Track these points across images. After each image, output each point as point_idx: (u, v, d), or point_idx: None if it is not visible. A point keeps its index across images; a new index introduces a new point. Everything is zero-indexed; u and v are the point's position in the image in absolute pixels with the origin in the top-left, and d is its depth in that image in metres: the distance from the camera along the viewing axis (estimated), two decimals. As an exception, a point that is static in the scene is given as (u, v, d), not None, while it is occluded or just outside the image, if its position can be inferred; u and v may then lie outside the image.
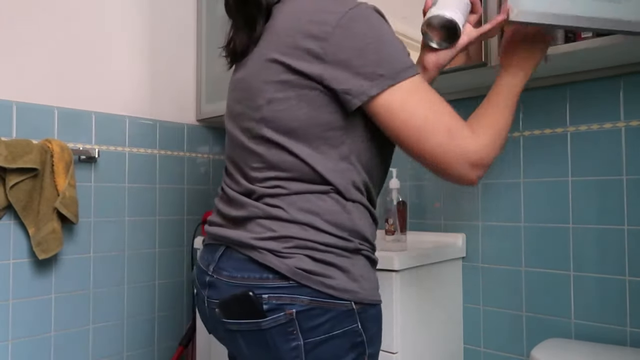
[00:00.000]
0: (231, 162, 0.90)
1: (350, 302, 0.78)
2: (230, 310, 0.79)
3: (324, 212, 0.79)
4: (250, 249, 0.80)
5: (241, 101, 0.86)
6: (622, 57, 1.14)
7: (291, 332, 0.76)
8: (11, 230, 1.48)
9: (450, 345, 1.40)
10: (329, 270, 0.77)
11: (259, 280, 0.77)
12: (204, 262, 0.88)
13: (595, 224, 1.25)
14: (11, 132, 1.49)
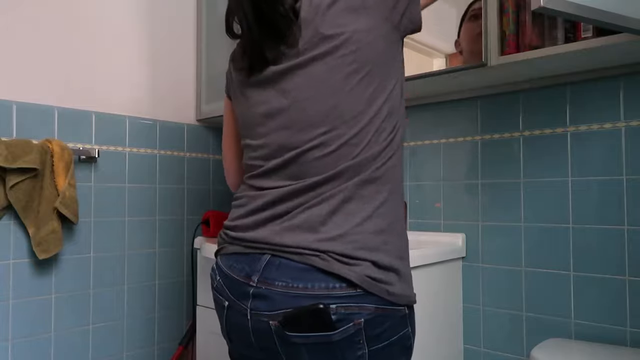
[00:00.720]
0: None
1: (405, 307, 0.79)
2: (298, 323, 0.76)
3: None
4: (307, 255, 0.76)
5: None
6: (622, 57, 1.14)
7: (358, 342, 0.76)
8: (11, 230, 1.48)
9: (450, 345, 1.40)
10: (390, 277, 0.77)
11: (325, 289, 0.75)
12: (238, 272, 0.83)
13: (595, 224, 1.25)
14: (11, 132, 1.48)
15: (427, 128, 1.56)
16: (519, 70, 1.26)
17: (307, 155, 0.80)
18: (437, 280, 1.34)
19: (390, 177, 0.81)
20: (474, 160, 1.46)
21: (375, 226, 0.78)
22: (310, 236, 0.77)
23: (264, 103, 0.85)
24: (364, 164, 0.79)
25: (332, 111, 0.79)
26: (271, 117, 0.84)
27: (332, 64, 0.78)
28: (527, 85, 1.35)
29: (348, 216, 0.78)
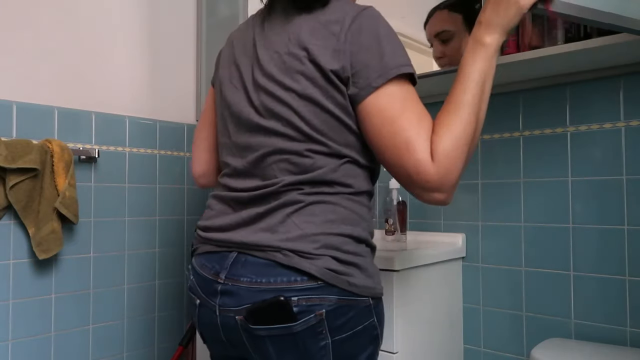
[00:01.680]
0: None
1: (369, 298, 0.82)
2: (261, 316, 0.78)
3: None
4: (273, 252, 0.79)
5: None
6: (622, 57, 1.14)
7: (320, 332, 0.78)
8: (11, 230, 1.48)
9: (450, 345, 1.40)
10: (350, 270, 0.80)
11: (287, 283, 0.78)
12: (208, 270, 0.86)
13: (595, 224, 1.25)
14: (11, 132, 1.48)
15: (427, 128, 1.56)
16: (519, 70, 1.26)
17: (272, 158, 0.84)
18: (437, 280, 1.34)
19: (353, 183, 0.84)
20: (474, 160, 1.46)
21: (337, 227, 0.81)
22: (272, 235, 0.81)
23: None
24: (326, 170, 0.82)
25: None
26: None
27: None
28: (527, 85, 1.35)
29: (310, 217, 0.81)
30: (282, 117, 0.82)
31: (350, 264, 0.81)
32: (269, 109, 0.83)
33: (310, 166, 0.82)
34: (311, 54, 0.80)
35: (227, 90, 0.92)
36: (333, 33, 0.80)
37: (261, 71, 0.85)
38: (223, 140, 0.94)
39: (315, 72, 0.80)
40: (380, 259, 1.17)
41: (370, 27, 0.79)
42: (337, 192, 0.83)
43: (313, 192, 0.82)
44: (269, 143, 0.84)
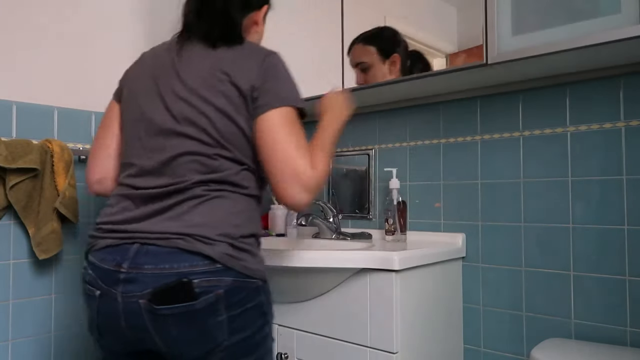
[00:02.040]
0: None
1: (259, 280, 0.96)
2: (165, 297, 0.87)
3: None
4: (176, 238, 0.90)
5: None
6: (622, 57, 1.14)
7: (218, 309, 0.89)
8: (11, 230, 1.48)
9: (450, 345, 1.40)
10: (244, 255, 0.94)
11: (189, 267, 0.88)
12: (109, 262, 0.93)
13: (595, 224, 1.25)
14: (11, 132, 1.49)
15: (427, 128, 1.56)
16: (519, 70, 1.26)
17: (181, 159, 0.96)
18: (437, 280, 1.34)
19: (248, 186, 0.99)
20: (474, 160, 1.46)
21: (233, 219, 0.95)
22: (177, 223, 0.92)
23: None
24: (230, 173, 0.96)
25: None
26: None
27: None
28: (527, 85, 1.35)
29: (212, 209, 0.94)
30: (198, 124, 0.95)
31: (244, 250, 0.94)
32: (186, 117, 0.96)
33: (216, 168, 0.95)
34: (232, 77, 0.96)
35: (143, 100, 1.03)
36: (250, 64, 0.98)
37: (184, 85, 0.98)
38: (131, 144, 1.03)
39: (233, 91, 0.96)
40: (380, 259, 1.17)
41: (278, 66, 1.01)
42: (236, 192, 0.97)
43: (216, 189, 0.95)
44: (182, 146, 0.96)
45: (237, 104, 0.96)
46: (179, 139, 0.96)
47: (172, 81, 1.01)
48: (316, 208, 1.68)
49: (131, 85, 1.08)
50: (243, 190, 0.98)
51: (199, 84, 0.98)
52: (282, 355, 1.33)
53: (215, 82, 0.97)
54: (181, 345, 0.90)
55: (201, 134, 0.96)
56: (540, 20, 1.12)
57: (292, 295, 1.31)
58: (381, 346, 1.17)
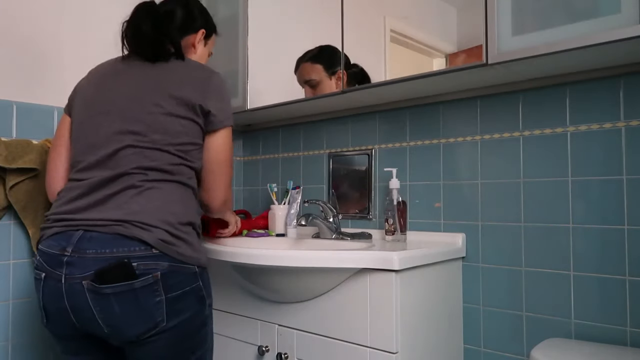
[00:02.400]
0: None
1: (195, 266, 1.06)
2: (107, 277, 0.96)
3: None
4: (117, 225, 0.99)
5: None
6: (622, 57, 1.14)
7: (156, 290, 0.99)
8: (11, 230, 1.48)
9: (450, 345, 1.40)
10: (179, 243, 1.03)
11: (129, 252, 0.98)
12: (55, 248, 1.01)
13: (595, 224, 1.25)
14: (11, 132, 1.49)
15: (427, 128, 1.56)
16: (519, 70, 1.26)
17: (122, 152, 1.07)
18: (437, 280, 1.34)
19: (184, 176, 1.10)
20: (474, 160, 1.46)
21: (171, 207, 1.05)
22: (118, 211, 1.01)
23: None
24: (165, 164, 1.07)
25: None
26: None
27: None
28: (527, 85, 1.35)
29: (150, 198, 1.03)
30: (146, 123, 1.07)
31: (179, 238, 1.04)
32: (136, 118, 1.07)
33: (157, 159, 1.06)
34: (182, 90, 1.10)
35: (90, 106, 1.14)
36: (198, 79, 1.13)
37: (136, 93, 1.10)
38: (79, 145, 1.13)
39: (182, 101, 1.09)
40: (380, 259, 1.17)
41: (222, 86, 1.17)
42: (174, 181, 1.08)
43: (155, 179, 1.05)
44: (124, 140, 1.06)
45: (184, 110, 1.09)
46: (122, 135, 1.07)
47: (123, 90, 1.12)
48: (316, 208, 1.68)
49: (80, 96, 1.19)
50: (180, 180, 1.09)
51: (150, 91, 1.10)
52: (282, 355, 1.33)
53: (166, 90, 1.10)
54: (122, 323, 0.98)
55: (148, 131, 1.07)
56: (540, 20, 1.12)
57: (292, 295, 1.31)
58: (381, 346, 1.17)
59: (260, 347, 1.38)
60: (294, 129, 1.95)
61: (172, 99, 1.09)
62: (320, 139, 1.86)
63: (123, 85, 1.13)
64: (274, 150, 2.03)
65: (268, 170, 2.05)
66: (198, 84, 1.13)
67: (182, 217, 1.06)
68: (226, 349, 1.51)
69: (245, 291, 1.45)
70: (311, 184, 1.88)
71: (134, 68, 1.16)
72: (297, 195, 1.80)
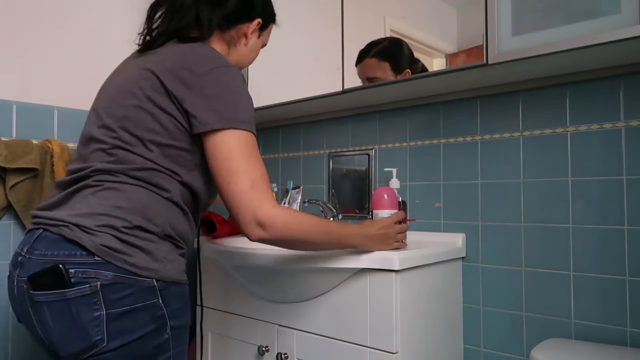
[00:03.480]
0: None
1: (152, 280, 0.89)
2: (38, 282, 0.86)
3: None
4: (62, 226, 0.88)
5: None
6: (622, 57, 1.14)
7: (95, 303, 0.84)
8: (11, 230, 1.48)
9: (450, 345, 1.40)
10: (131, 250, 0.88)
11: (67, 256, 0.86)
12: (20, 245, 0.94)
13: (595, 224, 1.25)
14: (11, 132, 1.49)
15: (427, 128, 1.56)
16: (519, 70, 1.26)
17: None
18: (437, 280, 1.34)
19: (149, 180, 0.94)
20: (474, 160, 1.46)
21: (122, 211, 0.90)
22: (67, 212, 0.91)
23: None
24: (127, 164, 0.93)
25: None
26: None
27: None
28: (527, 85, 1.35)
29: (102, 200, 0.90)
30: (119, 118, 0.95)
31: (132, 244, 0.88)
32: (110, 111, 0.97)
33: (121, 159, 0.93)
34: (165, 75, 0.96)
35: (96, 98, 1.08)
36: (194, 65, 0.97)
37: (122, 81, 1.02)
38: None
39: (161, 91, 0.95)
40: (380, 259, 1.17)
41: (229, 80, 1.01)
42: (134, 184, 0.92)
43: (113, 181, 0.92)
44: (96, 134, 0.97)
45: (163, 101, 0.95)
46: (100, 130, 0.97)
47: (113, 77, 1.07)
48: (316, 208, 1.68)
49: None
50: (143, 183, 0.93)
51: (129, 75, 1.00)
52: (282, 355, 1.33)
53: (141, 74, 0.98)
54: (56, 338, 0.86)
55: (119, 128, 0.95)
56: (540, 20, 1.12)
57: (292, 295, 1.31)
58: (381, 346, 1.17)
59: (260, 347, 1.38)
60: (294, 129, 1.95)
61: (155, 93, 0.95)
62: (320, 139, 1.86)
63: (120, 73, 1.05)
64: (274, 150, 2.03)
65: (268, 170, 2.04)
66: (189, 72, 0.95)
67: (141, 220, 0.90)
68: (226, 349, 1.51)
69: (245, 291, 1.45)
70: (311, 184, 1.88)
71: (158, 53, 1.02)
72: (297, 195, 1.80)
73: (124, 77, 1.01)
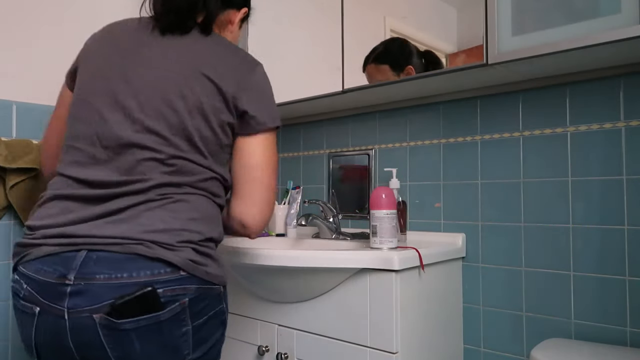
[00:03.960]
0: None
1: (220, 286, 0.91)
2: (128, 309, 0.78)
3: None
4: (135, 244, 0.80)
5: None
6: (622, 57, 1.14)
7: (183, 320, 0.83)
8: (11, 230, 1.48)
9: (450, 345, 1.40)
10: (207, 260, 0.87)
11: (151, 276, 0.80)
12: (49, 275, 0.80)
13: (595, 224, 1.25)
14: (11, 132, 1.49)
15: (427, 128, 1.56)
16: (519, 70, 1.26)
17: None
18: (437, 280, 1.34)
19: (208, 189, 0.92)
20: (473, 160, 1.46)
21: (195, 224, 0.87)
22: (134, 228, 0.82)
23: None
24: (191, 175, 0.90)
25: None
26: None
27: None
28: (527, 85, 1.35)
29: (174, 213, 0.85)
30: (173, 125, 0.88)
31: (206, 255, 0.87)
32: (155, 110, 0.88)
33: (180, 169, 0.88)
34: (212, 76, 0.91)
35: (107, 80, 0.92)
36: (234, 66, 0.95)
37: (160, 72, 0.91)
38: (83, 128, 0.90)
39: (213, 90, 0.92)
40: (380, 259, 1.17)
41: (265, 80, 1.01)
42: (197, 194, 0.90)
43: (177, 193, 0.87)
44: (139, 140, 0.87)
45: (216, 105, 0.91)
46: (145, 136, 0.87)
47: (147, 73, 0.91)
48: (316, 208, 1.68)
49: (95, 61, 0.97)
50: (205, 192, 0.92)
51: (177, 76, 0.90)
52: (282, 355, 1.33)
53: (192, 77, 0.90)
54: None
55: (168, 133, 0.88)
56: (540, 21, 1.12)
57: (292, 295, 1.31)
58: (381, 346, 1.17)
59: (260, 347, 1.38)
60: (294, 129, 1.95)
61: (206, 93, 0.90)
62: (320, 139, 1.86)
63: (147, 61, 0.92)
64: (274, 150, 2.03)
65: (268, 170, 2.04)
66: (236, 71, 0.94)
67: (207, 232, 0.89)
68: (226, 349, 1.51)
69: (245, 291, 1.45)
70: (311, 184, 1.88)
71: (163, 41, 0.95)
72: (297, 195, 1.80)
73: (162, 72, 0.90)
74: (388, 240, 1.25)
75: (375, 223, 1.26)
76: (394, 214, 1.27)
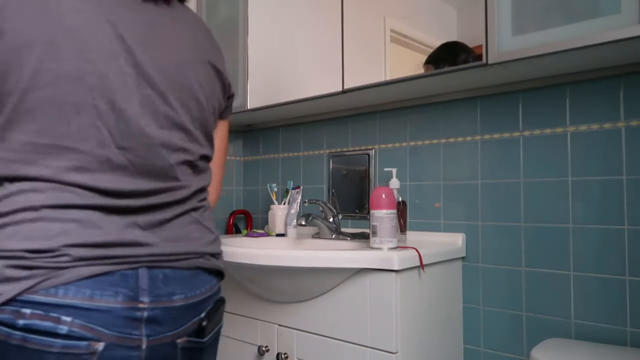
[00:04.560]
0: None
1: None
2: (211, 325, 0.77)
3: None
4: (196, 258, 0.76)
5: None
6: (622, 57, 1.14)
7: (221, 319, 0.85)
8: (11, 230, 1.47)
9: (450, 345, 1.40)
10: (221, 258, 0.87)
11: (211, 289, 0.80)
12: (110, 299, 0.64)
13: (595, 224, 1.25)
14: None
15: (427, 128, 1.56)
16: (519, 70, 1.26)
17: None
18: (437, 280, 1.34)
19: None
20: (474, 160, 1.46)
21: (214, 231, 0.84)
22: (190, 241, 0.76)
23: None
24: (210, 177, 0.86)
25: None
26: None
27: None
28: (527, 85, 1.35)
29: (210, 221, 0.84)
30: (196, 118, 0.79)
31: (220, 253, 0.86)
32: (186, 110, 0.78)
33: (202, 171, 0.83)
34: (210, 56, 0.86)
35: (94, 53, 0.67)
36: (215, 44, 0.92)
37: (166, 47, 0.76)
38: (75, 120, 0.66)
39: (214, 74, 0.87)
40: (380, 259, 1.17)
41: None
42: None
43: (205, 198, 0.84)
44: (169, 138, 0.73)
45: (219, 95, 0.87)
46: (170, 131, 0.73)
47: (146, 36, 0.73)
48: (316, 208, 1.68)
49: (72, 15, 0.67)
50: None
51: (184, 52, 0.78)
52: (282, 355, 1.33)
53: (201, 63, 0.82)
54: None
55: (192, 127, 0.77)
56: (540, 20, 1.12)
57: (292, 295, 1.31)
58: (381, 346, 1.17)
59: (260, 347, 1.38)
60: (294, 129, 1.95)
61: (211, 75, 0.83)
62: (320, 139, 1.86)
63: (148, 31, 0.74)
64: (274, 150, 2.03)
65: (268, 170, 2.05)
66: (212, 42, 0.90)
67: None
68: (226, 349, 1.51)
69: (245, 291, 1.45)
70: (311, 184, 1.88)
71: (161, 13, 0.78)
72: (297, 195, 1.80)
73: (173, 54, 0.75)
74: (388, 240, 1.25)
75: (375, 223, 1.26)
76: (394, 214, 1.27)
